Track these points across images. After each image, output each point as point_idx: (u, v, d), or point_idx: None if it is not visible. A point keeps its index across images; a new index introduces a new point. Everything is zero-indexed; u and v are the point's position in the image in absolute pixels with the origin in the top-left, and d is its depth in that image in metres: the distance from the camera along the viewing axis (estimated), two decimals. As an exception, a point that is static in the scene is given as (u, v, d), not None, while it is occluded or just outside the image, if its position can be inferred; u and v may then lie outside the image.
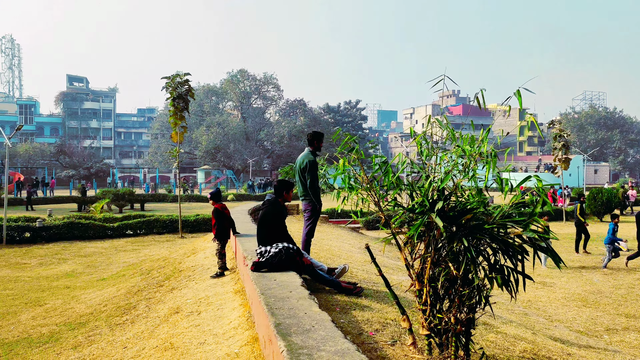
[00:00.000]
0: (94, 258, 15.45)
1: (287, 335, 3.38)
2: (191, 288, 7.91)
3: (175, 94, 19.40)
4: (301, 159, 7.14)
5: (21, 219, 20.52)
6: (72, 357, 6.52)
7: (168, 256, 13.14)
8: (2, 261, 15.03)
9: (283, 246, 5.73)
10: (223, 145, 66.13)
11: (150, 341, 5.93)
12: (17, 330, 8.50)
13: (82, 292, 11.04)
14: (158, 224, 20.49)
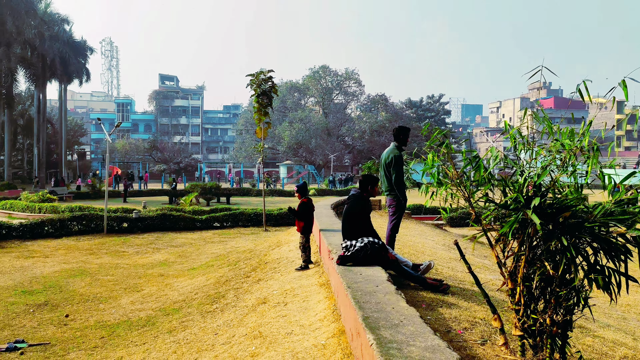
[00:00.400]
0: (185, 248, 16.22)
1: (375, 329, 3.39)
2: (277, 280, 8.12)
3: (259, 90, 19.86)
4: (386, 153, 7.11)
5: (119, 210, 21.95)
6: (168, 341, 6.91)
7: (253, 248, 13.55)
8: (103, 249, 16.16)
9: (368, 241, 5.75)
10: (305, 140, 67.10)
11: (240, 329, 6.16)
12: (118, 314, 9.12)
13: (175, 280, 11.64)
14: (243, 217, 21.16)
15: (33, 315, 9.13)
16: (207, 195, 33.47)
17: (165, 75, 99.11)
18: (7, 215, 24.27)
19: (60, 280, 11.83)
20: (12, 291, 10.73)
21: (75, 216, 19.05)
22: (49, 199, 27.93)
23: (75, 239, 17.71)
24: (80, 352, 7.20)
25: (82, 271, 12.86)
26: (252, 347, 5.26)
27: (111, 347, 7.26)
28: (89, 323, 8.63)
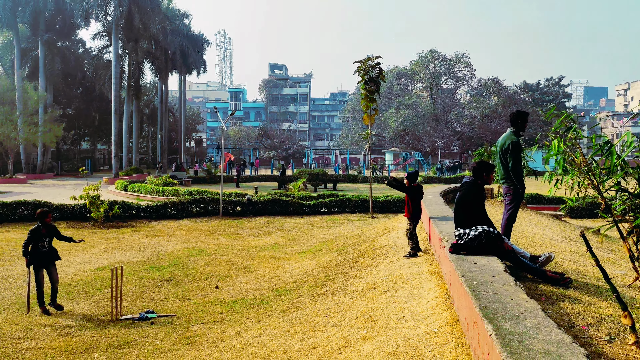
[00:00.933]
0: (294, 232, 16.74)
1: (494, 320, 3.31)
2: (386, 266, 8.15)
3: (367, 77, 19.86)
4: (502, 139, 6.82)
5: (233, 195, 23.11)
6: (282, 320, 7.21)
7: (361, 234, 13.67)
8: (219, 231, 17.14)
9: (483, 229, 5.58)
10: (412, 127, 66.07)
11: (350, 312, 6.28)
12: (234, 292, 9.67)
13: (285, 263, 12.08)
14: (350, 204, 21.38)
15: (160, 289, 9.94)
16: (315, 182, 34.18)
17: (274, 64, 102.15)
18: (136, 197, 26.48)
19: (183, 258, 12.74)
20: (142, 266, 11.74)
21: (194, 199, 20.37)
22: (171, 183, 30.05)
23: (194, 221, 18.93)
24: (202, 325, 7.73)
25: (201, 251, 13.76)
26: (363, 330, 5.35)
27: (229, 322, 7.72)
28: (208, 299, 9.24)
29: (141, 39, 46.70)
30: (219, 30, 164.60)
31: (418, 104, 67.61)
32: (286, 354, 5.64)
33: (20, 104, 43.15)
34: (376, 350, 4.60)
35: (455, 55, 72.04)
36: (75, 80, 57.77)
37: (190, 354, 6.49)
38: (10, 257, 12.41)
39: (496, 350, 2.85)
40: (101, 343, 7.00)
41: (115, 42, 42.48)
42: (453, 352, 3.93)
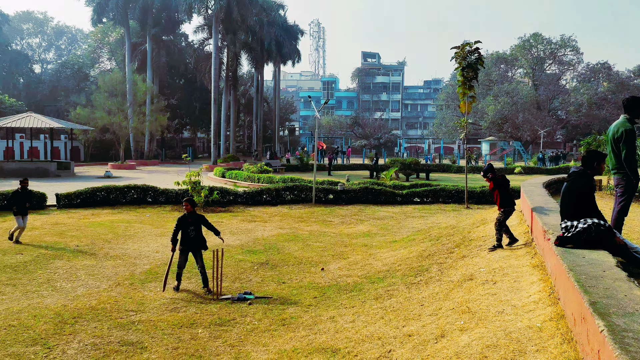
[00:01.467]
0: (386, 221, 16.68)
1: (605, 315, 3.13)
2: (483, 257, 7.92)
3: (464, 63, 19.25)
4: (615, 127, 6.37)
5: (325, 183, 23.42)
6: (375, 307, 7.25)
7: (456, 225, 13.36)
8: (312, 218, 17.47)
9: (592, 222, 5.25)
10: (511, 115, 63.13)
11: (446, 303, 6.19)
12: (327, 277, 9.84)
13: (378, 251, 12.09)
14: (444, 194, 20.93)
15: (257, 272, 10.34)
16: (407, 171, 33.78)
17: (367, 52, 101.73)
18: (233, 183, 27.63)
19: (277, 243, 13.15)
20: (239, 250, 12.25)
21: (287, 187, 20.89)
22: (266, 171, 31.02)
23: (288, 207, 19.42)
24: (297, 308, 7.95)
25: (295, 236, 14.10)
26: (460, 321, 5.25)
27: (323, 307, 7.88)
28: (302, 284, 9.48)
29: (239, 31, 48.36)
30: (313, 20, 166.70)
31: (518, 90, 64.33)
32: (380, 340, 5.68)
33: (130, 95, 46.37)
34: (474, 342, 4.51)
35: (560, 38, 67.77)
36: (178, 72, 61.11)
37: (287, 335, 6.71)
38: (123, 237, 13.44)
39: (608, 347, 2.69)
40: (204, 320, 7.42)
41: (215, 35, 44.32)
42: (558, 348, 3.77)
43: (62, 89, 60.11)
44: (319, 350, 5.88)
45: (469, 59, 19.26)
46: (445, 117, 70.97)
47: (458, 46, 19.50)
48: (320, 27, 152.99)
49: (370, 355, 5.31)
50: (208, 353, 6.21)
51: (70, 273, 9.78)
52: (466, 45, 19.42)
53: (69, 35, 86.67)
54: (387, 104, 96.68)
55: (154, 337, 6.66)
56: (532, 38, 68.06)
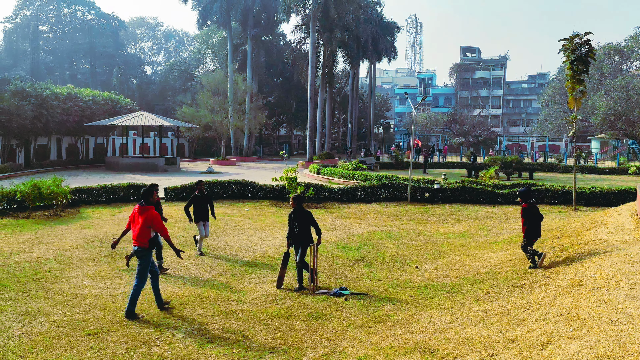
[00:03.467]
0: (485, 222, 16.11)
1: None
2: (594, 262, 7.42)
3: (573, 56, 18.14)
4: None
5: (421, 181, 23.02)
6: (475, 309, 7.03)
7: (563, 227, 12.60)
8: (407, 216, 17.26)
9: None
10: (625, 111, 58.29)
11: (553, 308, 5.86)
12: (424, 277, 9.69)
13: (477, 252, 11.71)
14: (549, 194, 19.82)
15: (352, 268, 10.40)
16: (508, 170, 32.35)
17: (466, 47, 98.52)
18: (328, 180, 27.95)
19: (372, 241, 13.14)
20: (335, 246, 12.39)
21: (382, 184, 20.79)
22: (360, 168, 31.05)
23: (383, 205, 19.33)
24: (393, 305, 7.90)
25: (390, 234, 14.02)
26: (569, 328, 4.96)
27: (420, 306, 7.77)
28: (398, 282, 9.40)
29: (335, 29, 48.75)
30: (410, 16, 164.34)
31: (634, 84, 59.25)
32: (482, 343, 5.50)
33: (231, 94, 48.38)
34: (585, 351, 4.24)
35: (684, 26, 61.59)
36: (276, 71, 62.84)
37: (383, 332, 6.69)
38: (224, 230, 14.08)
39: None
40: (301, 312, 7.58)
41: (312, 34, 45.03)
42: (685, 364, 3.45)
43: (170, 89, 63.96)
44: (416, 349, 5.80)
45: (578, 51, 18.17)
46: (551, 114, 66.96)
47: (566, 38, 18.45)
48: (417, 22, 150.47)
49: (471, 358, 5.17)
50: (305, 345, 6.35)
51: (177, 262, 10.39)
52: (575, 37, 18.31)
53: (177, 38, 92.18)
54: (487, 100, 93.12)
55: (254, 327, 6.92)
56: (651, 27, 62.42)
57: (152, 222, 7.35)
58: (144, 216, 7.36)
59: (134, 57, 70.74)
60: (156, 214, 7.48)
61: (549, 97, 69.61)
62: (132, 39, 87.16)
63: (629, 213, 10.96)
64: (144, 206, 7.47)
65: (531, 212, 8.84)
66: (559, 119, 61.13)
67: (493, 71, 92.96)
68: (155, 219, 7.39)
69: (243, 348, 6.23)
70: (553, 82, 71.28)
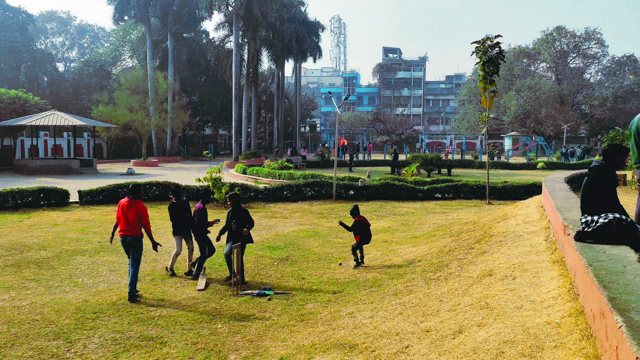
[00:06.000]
0: (407, 217, 16.62)
1: (624, 311, 3.08)
2: (503, 253, 7.85)
3: (485, 58, 19.06)
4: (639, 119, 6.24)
5: (346, 179, 23.40)
6: (394, 302, 7.25)
7: (477, 220, 13.24)
8: (333, 213, 17.48)
9: (614, 217, 5.16)
10: (534, 110, 62.18)
11: (465, 298, 6.15)
12: (347, 274, 9.86)
13: (398, 247, 12.06)
14: (465, 189, 20.76)
15: (277, 268, 10.40)
16: (428, 167, 33.56)
17: (388, 48, 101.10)
18: (254, 180, 27.78)
19: (297, 239, 13.20)
20: (260, 245, 12.33)
21: (308, 183, 20.93)
22: (286, 167, 31.09)
23: (309, 204, 19.47)
24: (316, 303, 7.99)
25: (315, 232, 14.15)
26: (478, 316, 5.22)
27: (342, 303, 7.90)
28: (322, 279, 9.51)
29: (259, 28, 48.52)
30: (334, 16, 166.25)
31: (541, 85, 63.29)
32: (398, 335, 5.67)
33: (152, 92, 46.90)
34: (492, 337, 4.48)
35: (584, 31, 66.46)
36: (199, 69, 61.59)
37: (305, 331, 6.74)
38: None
39: (626, 343, 2.66)
40: (224, 315, 7.50)
41: (236, 32, 44.54)
42: (577, 344, 3.72)
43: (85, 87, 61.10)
44: (336, 345, 5.90)
45: (489, 53, 19.06)
46: (467, 113, 70.18)
47: (479, 41, 19.32)
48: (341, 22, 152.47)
49: (388, 350, 5.32)
50: (227, 348, 6.28)
51: (92, 269, 9.97)
52: (487, 39, 19.22)
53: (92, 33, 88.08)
54: (408, 100, 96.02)
55: (174, 332, 6.76)
56: (555, 31, 66.86)
57: (142, 213, 8.34)
58: (134, 209, 8.31)
59: (44, 53, 66.79)
60: (144, 207, 8.46)
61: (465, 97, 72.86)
62: (42, 34, 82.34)
63: (535, 205, 11.69)
64: (133, 200, 8.40)
65: (361, 225, 10.48)
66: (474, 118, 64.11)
67: (414, 71, 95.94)
68: (144, 211, 8.40)
69: (161, 355, 6.07)
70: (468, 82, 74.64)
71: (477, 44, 19.35)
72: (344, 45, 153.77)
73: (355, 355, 5.53)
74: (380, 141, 73.26)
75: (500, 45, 19.12)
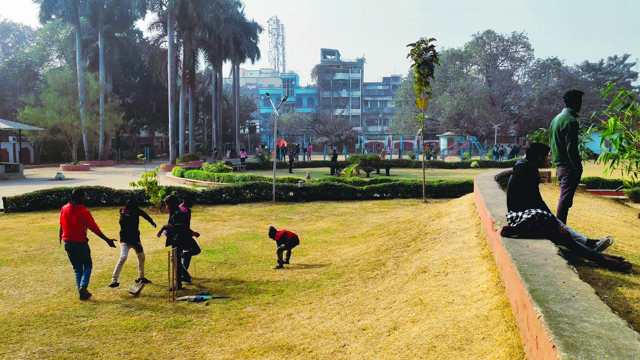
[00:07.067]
0: (346, 217, 16.80)
1: (543, 302, 3.24)
2: (437, 250, 8.08)
3: (420, 60, 19.56)
4: (559, 120, 6.59)
5: (286, 180, 23.39)
6: (332, 302, 7.30)
7: (413, 219, 13.56)
8: (272, 215, 17.42)
9: (536, 212, 5.43)
10: (467, 110, 64.50)
11: (400, 295, 6.28)
12: (286, 275, 9.84)
13: (337, 247, 12.17)
14: (403, 189, 21.22)
15: (215, 272, 10.25)
16: (367, 167, 34.07)
17: (326, 49, 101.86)
18: (192, 183, 27.26)
19: (237, 242, 13.06)
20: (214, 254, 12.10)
21: (247, 185, 20.76)
22: (225, 169, 30.71)
23: (248, 206, 19.31)
24: (255, 306, 7.93)
25: (255, 235, 14.04)
26: (412, 313, 5.35)
27: (281, 304, 7.89)
28: (261, 282, 9.45)
29: (195, 28, 47.67)
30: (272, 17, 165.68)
31: (473, 86, 65.78)
32: (336, 335, 5.72)
33: (82, 94, 45.09)
34: (424, 333, 4.60)
35: (512, 35, 69.59)
36: (133, 70, 59.79)
37: (243, 334, 6.68)
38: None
39: (544, 333, 2.80)
40: (159, 322, 7.30)
41: (170, 32, 43.55)
42: (502, 335, 3.89)
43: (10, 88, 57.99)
44: (275, 348, 5.88)
45: (424, 56, 19.57)
46: (404, 113, 71.85)
47: (414, 44, 19.80)
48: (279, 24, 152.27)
49: (325, 350, 5.35)
50: (162, 356, 6.12)
51: (17, 279, 9.47)
52: (422, 42, 19.73)
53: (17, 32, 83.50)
54: (347, 101, 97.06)
55: (106, 343, 6.52)
56: (485, 35, 69.63)
57: (86, 218, 8.40)
58: (77, 214, 8.37)
59: (-35, 53, 62.89)
60: (87, 212, 8.48)
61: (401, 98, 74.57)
62: (-38, 33, 77.44)
63: (468, 203, 12.12)
64: (75, 205, 8.43)
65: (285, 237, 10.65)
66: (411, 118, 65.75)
67: (352, 73, 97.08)
68: (87, 215, 8.44)
69: (93, 366, 5.84)
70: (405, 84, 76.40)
71: (412, 46, 19.83)
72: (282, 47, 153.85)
73: (293, 356, 5.53)
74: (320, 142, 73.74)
75: (434, 48, 19.67)
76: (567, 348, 2.55)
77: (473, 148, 63.37)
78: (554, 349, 2.57)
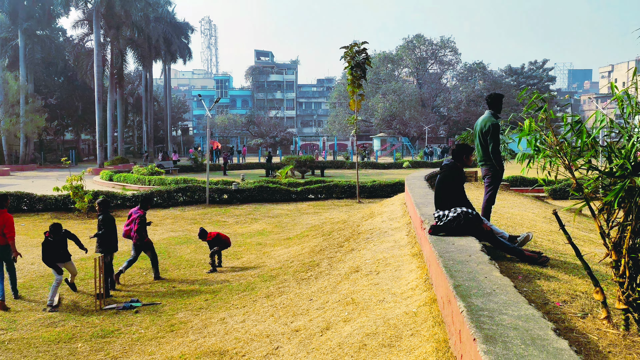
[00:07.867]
0: (281, 219, 16.77)
1: (466, 297, 3.37)
2: (369, 249, 8.21)
3: (353, 62, 19.83)
4: (482, 122, 6.87)
5: (220, 183, 23.05)
6: (266, 305, 7.26)
7: (347, 219, 13.73)
8: (206, 219, 17.11)
9: (462, 211, 5.64)
10: (399, 112, 66.04)
11: (333, 296, 6.34)
12: (220, 279, 9.70)
13: (272, 249, 12.12)
14: (337, 189, 21.43)
15: (146, 278, 9.95)
16: (302, 168, 34.16)
17: (260, 51, 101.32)
18: (122, 187, 26.32)
19: (169, 247, 12.74)
20: (127, 256, 11.68)
21: (180, 188, 20.29)
22: (157, 172, 29.88)
23: (181, 209, 18.88)
24: (187, 312, 7.76)
25: (187, 239, 13.75)
26: (344, 312, 5.41)
27: (214, 309, 7.76)
28: (194, 287, 9.26)
29: (123, 27, 46.08)
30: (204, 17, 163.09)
31: (405, 89, 67.50)
32: (269, 337, 5.69)
33: (0, 94, 42.50)
34: (356, 331, 4.66)
35: (440, 40, 71.98)
36: (56, 69, 57.03)
37: (175, 341, 6.52)
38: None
39: (466, 326, 2.90)
40: (85, 333, 7.00)
41: (97, 30, 41.89)
42: (430, 330, 4.00)
43: None
44: (207, 353, 5.77)
45: (357, 58, 19.85)
46: (338, 115, 72.60)
47: (347, 46, 20.04)
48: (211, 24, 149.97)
49: (259, 353, 5.31)
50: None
51: None
52: (354, 45, 20.00)
53: None
54: (281, 103, 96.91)
55: (27, 356, 6.17)
56: (415, 39, 71.60)
57: (7, 222, 8.41)
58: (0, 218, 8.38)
59: None
60: (10, 217, 8.52)
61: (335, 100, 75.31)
62: None
63: (399, 203, 12.41)
64: None
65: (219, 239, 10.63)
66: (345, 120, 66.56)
67: (286, 75, 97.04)
68: (9, 220, 8.45)
69: (12, 382, 5.51)
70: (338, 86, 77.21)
71: (345, 49, 20.07)
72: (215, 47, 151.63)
73: (226, 361, 5.45)
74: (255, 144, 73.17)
75: (366, 51, 19.99)
76: (486, 340, 2.66)
77: (405, 149, 64.96)
78: (474, 342, 2.68)
